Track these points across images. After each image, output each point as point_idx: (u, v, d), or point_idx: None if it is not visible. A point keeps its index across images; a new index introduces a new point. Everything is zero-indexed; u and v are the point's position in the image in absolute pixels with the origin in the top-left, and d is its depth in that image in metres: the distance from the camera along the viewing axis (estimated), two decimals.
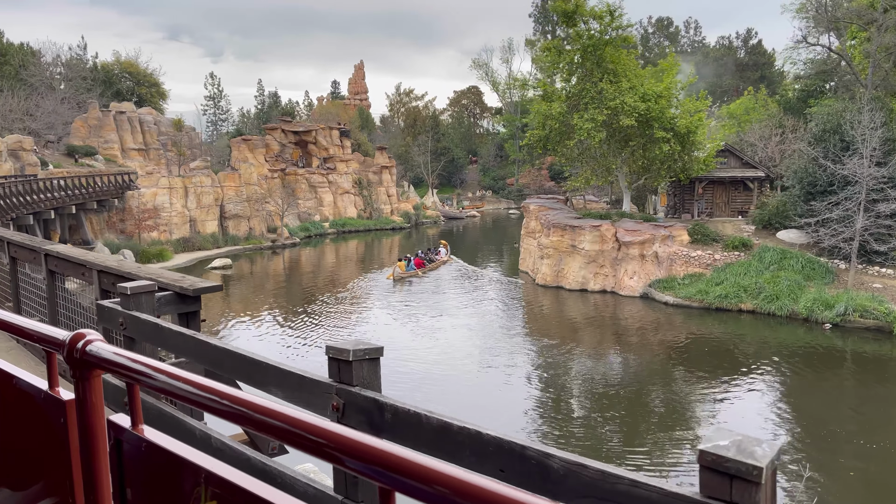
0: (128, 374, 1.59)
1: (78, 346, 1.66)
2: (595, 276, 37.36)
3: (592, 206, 46.65)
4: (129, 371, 1.59)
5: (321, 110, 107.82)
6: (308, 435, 1.20)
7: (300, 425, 1.22)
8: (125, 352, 1.68)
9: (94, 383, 1.68)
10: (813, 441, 20.10)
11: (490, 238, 72.04)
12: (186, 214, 55.66)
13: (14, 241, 9.18)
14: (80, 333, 1.70)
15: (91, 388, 1.67)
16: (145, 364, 1.58)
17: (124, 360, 1.62)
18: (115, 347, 1.71)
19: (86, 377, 1.67)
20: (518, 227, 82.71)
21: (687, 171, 38.15)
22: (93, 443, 1.68)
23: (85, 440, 1.69)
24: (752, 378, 25.65)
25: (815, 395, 24.63)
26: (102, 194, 48.45)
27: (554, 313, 36.76)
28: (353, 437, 1.16)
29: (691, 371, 26.68)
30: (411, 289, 43.58)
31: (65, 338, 1.72)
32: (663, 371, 27.20)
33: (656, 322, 33.18)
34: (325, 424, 1.21)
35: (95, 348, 1.66)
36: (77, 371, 1.67)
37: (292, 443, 1.24)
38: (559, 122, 36.45)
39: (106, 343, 1.70)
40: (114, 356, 1.63)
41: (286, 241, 61.56)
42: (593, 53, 37.28)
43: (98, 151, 70.21)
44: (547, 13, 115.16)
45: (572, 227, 37.61)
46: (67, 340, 1.70)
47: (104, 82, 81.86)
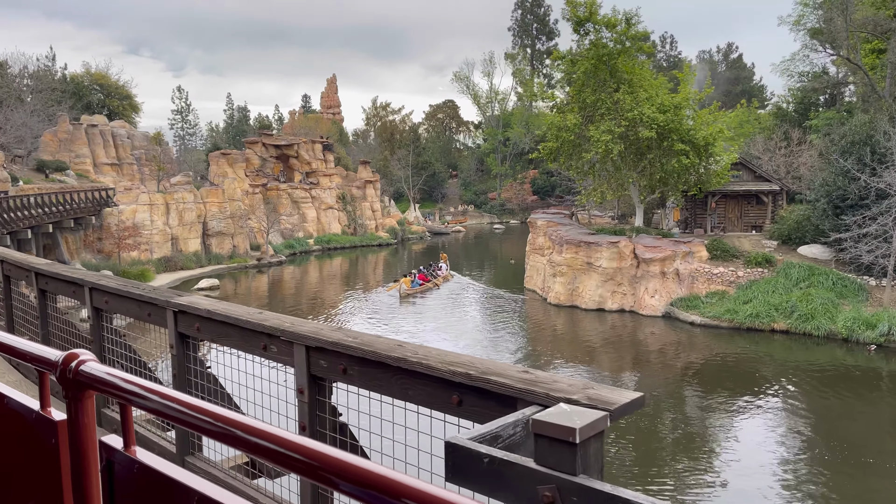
0: (120, 395, 1.58)
1: (71, 367, 1.65)
2: (613, 295, 35.66)
3: (597, 222, 45.09)
4: (122, 392, 1.57)
5: (298, 124, 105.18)
6: (305, 459, 1.20)
7: (297, 449, 1.21)
8: (118, 372, 1.64)
9: (86, 404, 1.66)
10: (847, 468, 18.64)
11: (481, 253, 70.15)
12: (168, 232, 52.80)
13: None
14: (73, 353, 1.69)
15: (83, 408, 1.66)
16: (138, 385, 1.56)
17: (117, 380, 1.59)
18: (109, 368, 1.66)
19: (78, 398, 1.65)
20: (507, 242, 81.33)
21: (703, 185, 36.78)
22: (84, 464, 1.66)
23: (76, 461, 1.67)
24: (791, 401, 24.16)
25: (858, 419, 23.15)
26: (80, 212, 45.48)
27: (570, 334, 34.94)
28: (355, 462, 1.15)
29: (723, 394, 25.04)
30: (418, 307, 41.72)
31: (57, 358, 1.70)
32: (694, 393, 25.55)
33: (684, 343, 31.53)
34: (324, 449, 1.19)
35: (88, 368, 1.64)
36: (69, 391, 1.65)
37: (289, 467, 1.22)
38: (574, 134, 34.80)
39: (99, 363, 1.68)
40: (107, 377, 1.61)
41: (272, 260, 58.92)
42: (606, 63, 35.79)
43: (69, 166, 66.95)
44: (527, 27, 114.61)
45: (587, 243, 35.91)
46: (60, 360, 1.68)
47: (74, 94, 78.47)
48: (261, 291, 49.27)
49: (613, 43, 35.65)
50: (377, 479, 1.10)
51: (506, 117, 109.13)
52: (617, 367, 30.27)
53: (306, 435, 4.01)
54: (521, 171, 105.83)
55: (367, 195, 79.59)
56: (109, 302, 6.33)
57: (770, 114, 60.37)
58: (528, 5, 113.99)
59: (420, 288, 44.09)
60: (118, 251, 47.55)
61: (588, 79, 35.74)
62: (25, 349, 1.89)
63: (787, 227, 36.21)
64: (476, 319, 38.02)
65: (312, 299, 44.98)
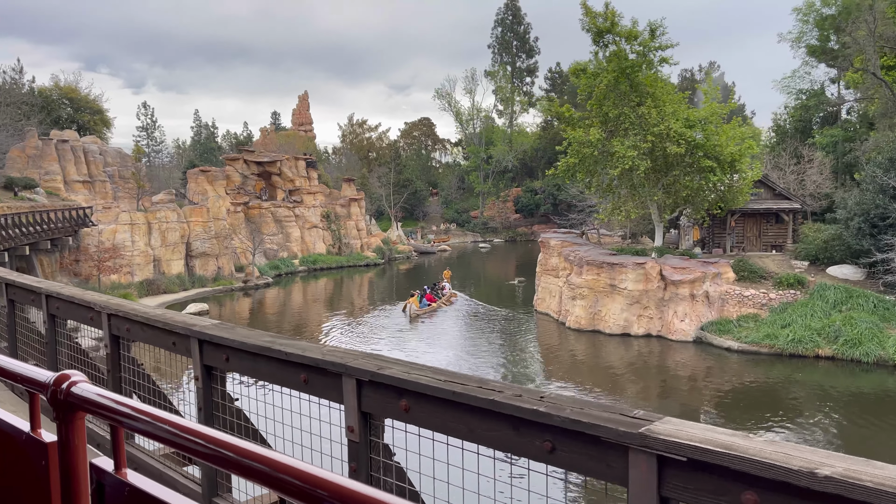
0: (112, 417, 1.56)
1: (62, 388, 1.62)
2: (639, 319, 33.80)
3: (607, 241, 43.36)
4: (114, 413, 1.56)
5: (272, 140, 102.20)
6: (297, 482, 1.17)
7: (290, 472, 1.18)
8: (109, 393, 1.63)
9: (77, 425, 1.65)
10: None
11: (475, 272, 67.99)
12: (150, 253, 49.69)
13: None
14: (64, 374, 1.66)
15: (74, 430, 1.64)
16: (129, 406, 1.55)
17: (108, 402, 1.58)
18: (100, 389, 1.65)
19: (69, 419, 1.63)
20: (496, 260, 79.42)
21: (728, 203, 35.29)
22: (74, 486, 1.64)
23: (67, 483, 1.65)
24: (843, 432, 22.43)
25: None
26: (57, 232, 42.29)
27: (592, 360, 32.93)
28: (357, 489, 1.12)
29: (768, 423, 23.21)
30: (429, 329, 39.77)
31: (48, 379, 1.68)
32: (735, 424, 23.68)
33: (721, 370, 29.72)
34: (319, 473, 1.16)
35: (80, 390, 1.62)
36: (60, 413, 1.63)
37: (282, 490, 1.19)
38: (597, 149, 33.03)
39: (91, 384, 1.65)
40: (98, 398, 1.59)
41: (259, 282, 56.03)
42: (628, 75, 34.21)
43: (39, 184, 63.37)
44: (507, 44, 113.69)
45: (610, 264, 34.06)
46: (51, 381, 1.66)
47: (43, 108, 74.76)
48: (253, 316, 46.42)
49: (636, 55, 34.10)
50: None
51: (488, 135, 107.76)
52: (644, 395, 28.37)
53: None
54: (505, 188, 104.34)
55: (352, 213, 77.09)
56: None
57: (772, 130, 59.71)
58: (508, 23, 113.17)
59: (428, 308, 42.39)
60: (97, 274, 44.37)
61: (608, 92, 34.09)
62: (15, 370, 1.87)
63: (815, 247, 34.85)
64: (493, 344, 35.86)
65: (314, 324, 42.36)
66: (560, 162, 35.16)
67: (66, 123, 79.03)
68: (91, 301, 6.63)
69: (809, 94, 55.50)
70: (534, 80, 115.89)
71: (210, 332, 4.77)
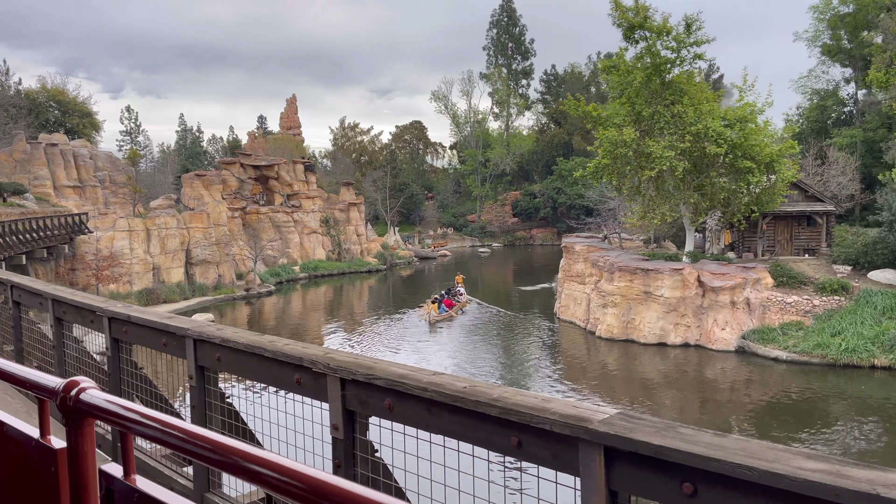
0: (121, 423, 1.56)
1: (71, 394, 1.63)
2: (676, 328, 32.22)
3: (628, 245, 41.80)
4: (122, 419, 1.56)
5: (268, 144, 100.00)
6: (301, 486, 1.17)
7: (295, 476, 1.18)
8: (118, 399, 1.63)
9: (86, 432, 1.65)
10: None
11: (483, 277, 66.14)
12: (149, 261, 47.45)
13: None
14: (73, 381, 1.67)
15: (83, 436, 1.64)
16: (138, 413, 1.55)
17: (117, 408, 1.58)
18: (108, 395, 1.66)
19: (78, 426, 1.63)
20: (498, 265, 77.62)
21: (763, 205, 33.82)
22: (83, 492, 1.64)
23: (76, 490, 1.65)
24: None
25: None
26: (53, 240, 40.04)
27: (626, 370, 31.28)
28: (358, 491, 1.13)
29: (828, 437, 21.64)
30: (449, 335, 38.46)
31: (57, 385, 1.68)
32: (789, 437, 22.11)
33: (770, 382, 28.16)
34: (323, 477, 1.16)
35: (88, 396, 1.62)
36: (69, 419, 1.63)
37: (290, 495, 1.19)
38: (632, 150, 31.43)
39: (99, 391, 1.66)
40: (107, 404, 1.60)
41: (261, 290, 53.90)
42: (660, 73, 32.69)
43: (28, 189, 60.89)
44: (503, 46, 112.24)
45: (645, 270, 32.47)
46: (60, 388, 1.66)
47: (29, 111, 72.16)
48: (259, 326, 44.34)
49: (670, 51, 32.57)
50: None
51: (485, 138, 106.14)
52: (682, 406, 26.82)
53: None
54: (503, 192, 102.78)
55: (352, 218, 75.06)
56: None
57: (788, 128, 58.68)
58: (503, 24, 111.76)
59: (446, 315, 41.26)
60: (96, 283, 42.09)
61: (640, 90, 32.53)
62: (25, 376, 1.87)
63: (856, 251, 33.47)
64: (519, 353, 34.19)
65: (327, 333, 40.41)
66: (591, 163, 33.50)
67: (54, 127, 76.48)
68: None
69: (825, 94, 54.38)
70: (529, 82, 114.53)
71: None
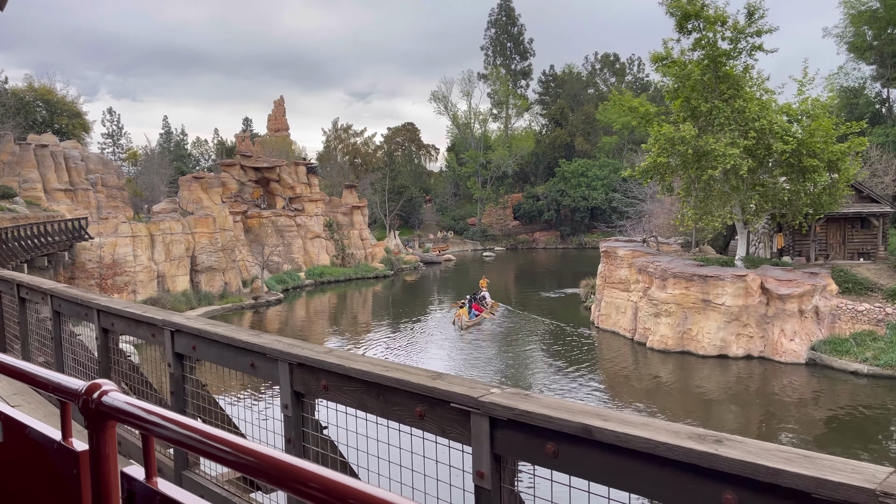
0: (143, 426, 1.57)
1: (94, 397, 1.63)
2: (737, 338, 30.03)
3: (666, 249, 39.64)
4: (145, 422, 1.56)
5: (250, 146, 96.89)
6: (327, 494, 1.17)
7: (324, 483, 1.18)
8: (140, 402, 1.64)
9: (108, 434, 1.65)
10: None
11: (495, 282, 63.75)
12: (153, 269, 44.52)
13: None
14: (95, 384, 1.68)
15: (105, 439, 1.65)
16: (160, 416, 1.55)
17: (139, 411, 1.59)
18: (130, 398, 1.67)
19: (100, 428, 1.64)
20: (506, 269, 75.06)
21: (824, 206, 31.78)
22: (105, 495, 1.64)
23: (98, 492, 1.65)
24: None
25: None
26: (53, 246, 37.08)
27: (681, 384, 29.04)
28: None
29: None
30: (484, 343, 36.37)
31: (80, 388, 1.69)
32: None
33: (849, 398, 26.01)
34: (356, 485, 1.15)
35: (110, 399, 1.63)
36: (92, 422, 1.64)
37: (315, 500, 1.19)
38: (690, 148, 29.21)
39: (121, 393, 1.67)
40: (129, 407, 1.61)
41: (269, 298, 51.10)
42: (716, 66, 30.58)
43: (18, 193, 57.63)
44: (501, 45, 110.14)
45: (703, 277, 30.26)
46: (83, 391, 1.67)
47: (18, 111, 68.74)
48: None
49: (727, 42, 30.45)
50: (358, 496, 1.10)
51: (485, 139, 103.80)
52: (745, 422, 24.64)
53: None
54: (505, 194, 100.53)
55: (355, 222, 72.37)
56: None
57: None
58: (502, 23, 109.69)
59: (476, 319, 39.73)
60: (100, 293, 39.10)
61: (696, 84, 30.37)
62: (48, 378, 1.87)
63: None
64: (563, 365, 31.83)
65: (354, 343, 37.78)
66: (645, 160, 31.24)
67: (42, 127, 73.08)
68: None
69: (854, 91, 52.73)
70: (528, 83, 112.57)
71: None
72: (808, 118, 29.63)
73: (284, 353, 3.99)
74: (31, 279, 9.06)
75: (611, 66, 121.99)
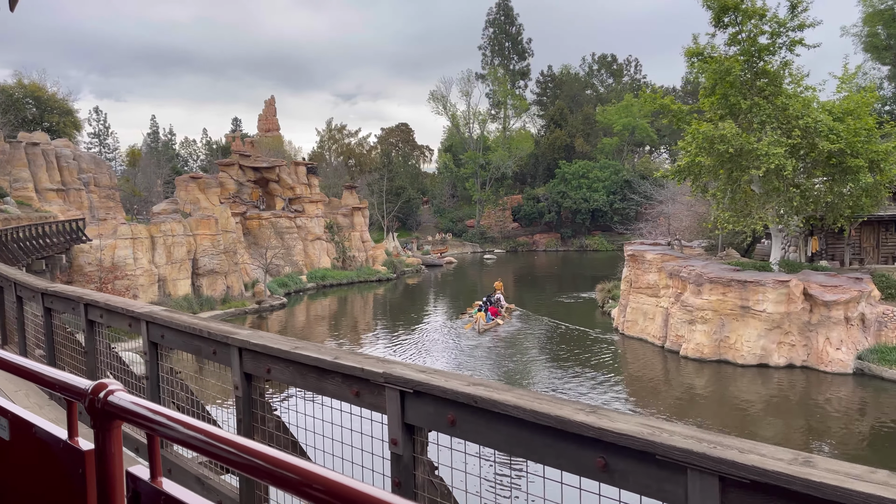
0: (148, 425, 1.57)
1: (100, 396, 1.63)
2: (779, 347, 28.66)
3: (689, 252, 38.26)
4: (150, 422, 1.56)
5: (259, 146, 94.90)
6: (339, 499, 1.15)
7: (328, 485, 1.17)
8: (146, 402, 1.64)
9: (114, 434, 1.65)
10: None
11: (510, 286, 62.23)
12: (154, 272, 42.59)
13: None
14: (102, 383, 1.67)
15: (111, 438, 1.65)
16: (166, 416, 1.55)
17: (145, 410, 1.59)
18: (136, 397, 1.67)
19: (106, 428, 1.64)
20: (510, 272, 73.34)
21: (864, 208, 30.50)
22: (111, 494, 1.64)
23: (103, 491, 1.65)
24: None
25: None
26: (52, 249, 35.16)
27: (726, 396, 27.60)
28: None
29: None
30: (505, 348, 35.07)
31: (86, 387, 1.69)
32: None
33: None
34: (362, 487, 1.15)
35: (116, 398, 1.63)
36: (98, 421, 1.64)
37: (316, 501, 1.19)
38: (731, 147, 27.78)
39: (127, 393, 1.67)
40: (135, 407, 1.61)
41: (273, 302, 49.29)
42: (756, 61, 29.24)
43: (8, 193, 55.54)
44: (500, 45, 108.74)
45: (741, 282, 28.87)
46: (89, 390, 1.66)
47: (6, 108, 66.46)
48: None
49: (766, 36, 29.11)
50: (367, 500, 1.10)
51: (486, 141, 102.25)
52: (786, 435, 23.27)
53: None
54: (504, 195, 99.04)
55: (356, 224, 70.64)
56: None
57: None
58: (500, 23, 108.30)
59: (493, 323, 38.72)
60: None
61: (735, 80, 28.99)
62: (55, 378, 1.86)
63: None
64: (589, 373, 30.32)
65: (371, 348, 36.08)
66: (682, 160, 29.78)
67: (32, 125, 70.78)
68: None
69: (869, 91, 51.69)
70: (526, 83, 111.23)
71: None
72: (851, 116, 28.30)
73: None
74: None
75: (608, 66, 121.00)
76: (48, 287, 8.25)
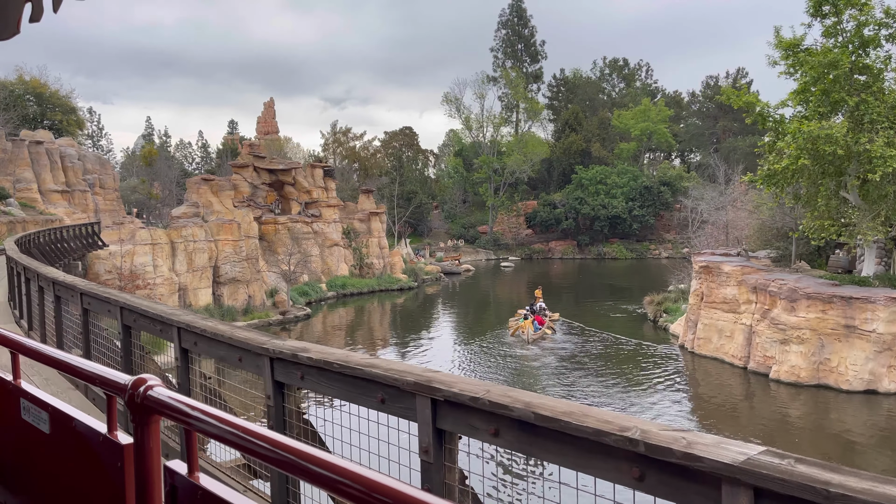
0: (186, 421, 1.55)
1: (139, 391, 1.62)
2: (890, 371, 25.82)
3: (756, 264, 35.44)
4: (189, 417, 1.54)
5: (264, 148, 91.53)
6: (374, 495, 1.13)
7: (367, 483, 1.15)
8: (184, 398, 1.62)
9: (152, 428, 1.64)
10: None
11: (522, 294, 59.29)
12: (175, 280, 39.36)
13: None
14: (141, 378, 1.66)
15: (150, 433, 1.64)
16: (202, 411, 1.53)
17: (183, 406, 1.57)
18: (175, 393, 1.65)
19: (145, 422, 1.63)
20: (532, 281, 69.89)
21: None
22: (149, 488, 1.63)
23: (141, 485, 1.64)
24: None
25: None
26: (70, 254, 31.98)
27: (826, 424, 24.74)
28: None
29: None
30: (563, 361, 32.29)
31: (126, 382, 1.67)
32: None
33: None
34: (401, 488, 1.13)
35: (156, 393, 1.62)
36: (137, 416, 1.63)
37: (355, 500, 1.17)
38: (840, 148, 25.03)
39: (166, 388, 1.65)
40: (174, 402, 1.59)
41: (297, 312, 46.11)
42: (859, 55, 26.55)
43: (12, 194, 52.21)
44: (512, 47, 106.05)
45: (845, 298, 26.05)
46: (129, 385, 1.65)
47: (7, 105, 63.02)
48: None
49: (869, 27, 26.43)
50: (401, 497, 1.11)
51: (500, 144, 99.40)
52: None
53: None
54: (518, 201, 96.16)
55: (373, 229, 67.46)
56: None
57: None
58: (513, 24, 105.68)
59: (540, 332, 36.44)
60: None
61: (839, 75, 26.26)
62: (95, 372, 1.84)
63: None
64: (660, 396, 27.40)
65: (440, 362, 33.03)
66: (778, 162, 26.95)
67: (33, 123, 67.36)
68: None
69: None
70: (539, 86, 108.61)
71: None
72: None
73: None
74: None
75: (619, 70, 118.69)
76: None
